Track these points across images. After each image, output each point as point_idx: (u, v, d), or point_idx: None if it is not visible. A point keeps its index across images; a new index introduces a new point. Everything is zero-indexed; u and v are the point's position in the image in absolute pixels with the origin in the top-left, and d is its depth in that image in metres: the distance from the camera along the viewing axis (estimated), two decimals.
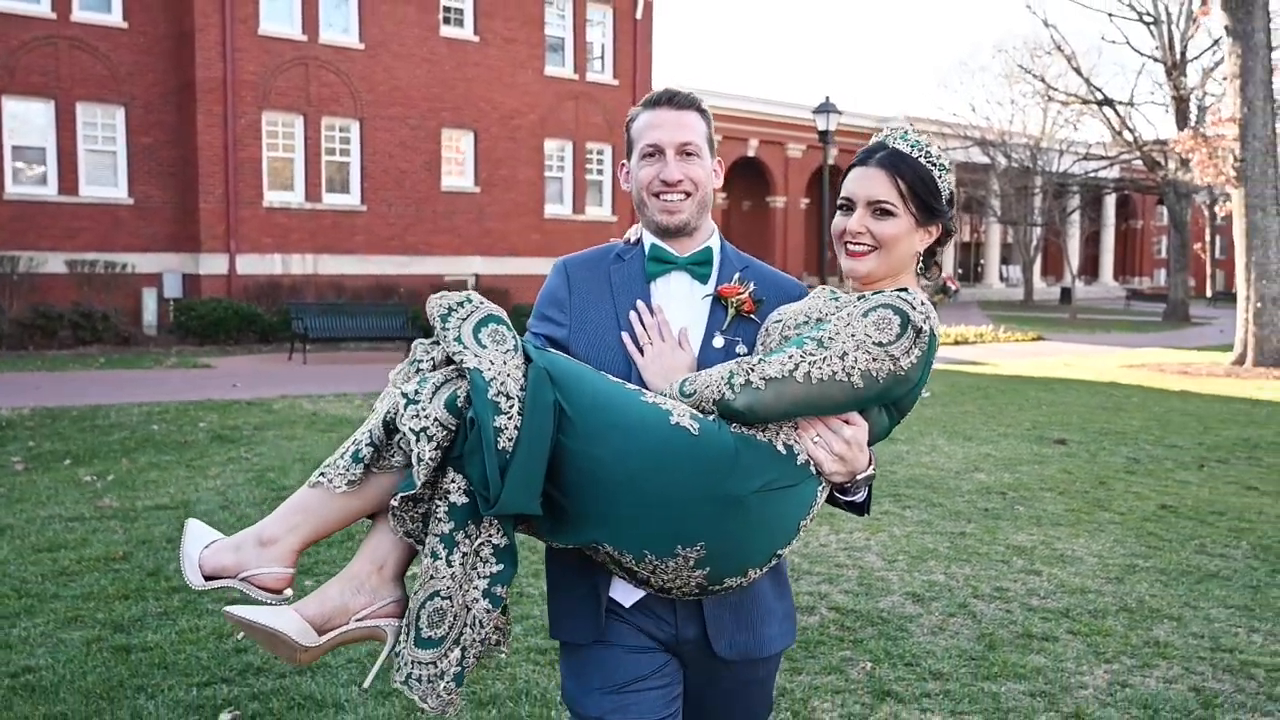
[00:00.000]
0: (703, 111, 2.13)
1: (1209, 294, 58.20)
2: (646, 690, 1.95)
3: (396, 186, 22.54)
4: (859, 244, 1.92)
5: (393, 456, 1.79)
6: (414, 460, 1.71)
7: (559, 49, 25.37)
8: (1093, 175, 44.41)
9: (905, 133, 1.96)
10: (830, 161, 22.26)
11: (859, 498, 1.94)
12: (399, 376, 1.84)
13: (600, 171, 26.40)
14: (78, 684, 3.82)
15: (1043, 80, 39.21)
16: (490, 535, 1.78)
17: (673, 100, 2.10)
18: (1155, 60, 35.89)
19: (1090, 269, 58.92)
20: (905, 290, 1.85)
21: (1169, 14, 34.56)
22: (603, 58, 26.29)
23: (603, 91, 25.95)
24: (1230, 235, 22.20)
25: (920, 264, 2.00)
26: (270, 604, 1.80)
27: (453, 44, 23.20)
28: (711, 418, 1.80)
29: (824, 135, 20.67)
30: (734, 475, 1.77)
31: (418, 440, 1.71)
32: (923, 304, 1.82)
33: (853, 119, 42.95)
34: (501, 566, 1.79)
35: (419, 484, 1.72)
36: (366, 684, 1.96)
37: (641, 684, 1.95)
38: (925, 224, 1.94)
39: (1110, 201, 54.28)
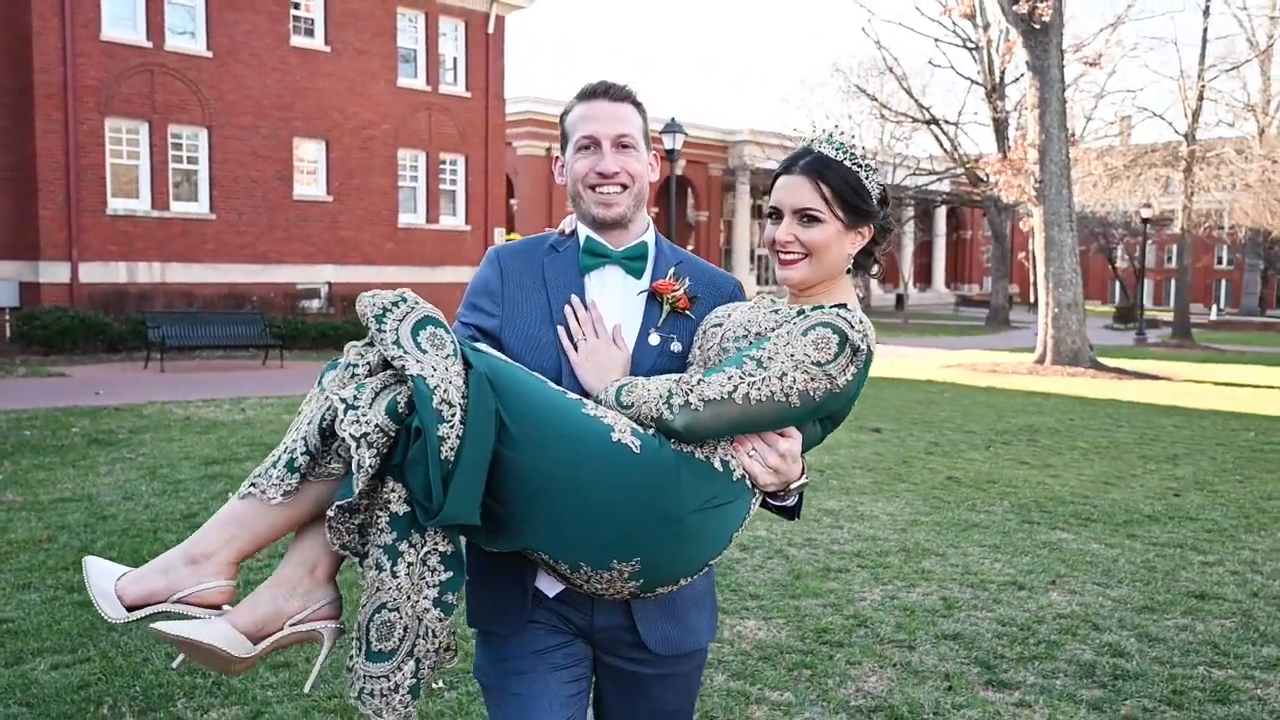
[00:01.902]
0: (638, 104, 2.11)
1: (1031, 300, 62.71)
2: (554, 670, 1.97)
3: (247, 195, 22.55)
4: (789, 253, 1.93)
5: (329, 464, 1.75)
6: (354, 468, 1.67)
7: (411, 60, 25.80)
8: (924, 189, 47.10)
9: (830, 135, 1.97)
10: (679, 173, 23.60)
11: (790, 503, 1.96)
12: (333, 382, 1.78)
13: (454, 181, 26.95)
14: (55, 628, 4.48)
15: (876, 100, 41.39)
16: (437, 544, 1.75)
17: (608, 92, 2.08)
18: (977, 84, 38.57)
19: (924, 277, 62.47)
20: (844, 307, 1.87)
21: (989, 40, 37.04)
22: (455, 70, 26.84)
23: (455, 103, 26.53)
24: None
25: (853, 264, 2.01)
26: (201, 618, 1.76)
27: (304, 53, 23.37)
28: (651, 432, 1.80)
29: (671, 154, 21.88)
30: (674, 494, 1.77)
31: (358, 447, 1.66)
32: (861, 322, 1.84)
33: (701, 132, 44.73)
34: (451, 574, 1.76)
35: (358, 492, 1.69)
36: (307, 688, 1.90)
37: (549, 660, 1.97)
38: (855, 226, 1.94)
39: (941, 213, 57.75)
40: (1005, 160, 23.77)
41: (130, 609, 1.74)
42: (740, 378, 1.78)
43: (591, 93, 2.08)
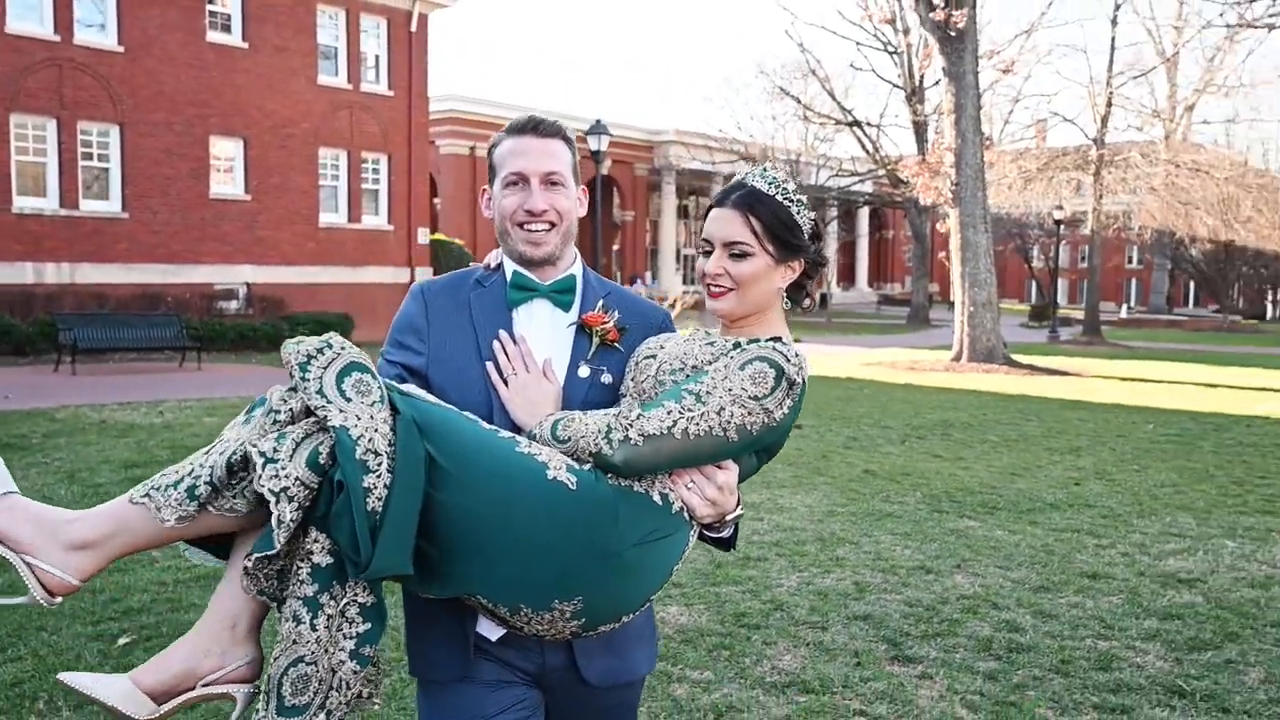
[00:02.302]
0: (568, 140, 2.11)
1: (951, 298, 64.18)
2: None
3: (161, 194, 22.09)
4: (718, 285, 1.95)
5: (232, 500, 1.70)
6: (274, 522, 1.62)
7: (332, 58, 25.51)
8: (848, 190, 47.89)
9: (764, 170, 1.99)
10: (604, 173, 23.77)
11: (726, 534, 1.97)
12: (253, 431, 1.71)
13: (376, 180, 26.71)
14: None
15: (799, 101, 41.94)
16: (356, 595, 1.71)
17: (538, 128, 2.06)
18: (898, 87, 39.35)
19: (847, 276, 63.56)
20: (779, 340, 1.89)
21: (909, 45, 37.81)
22: (377, 68, 26.61)
23: (378, 101, 26.29)
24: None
25: (787, 299, 2.03)
26: (41, 602, 1.70)
27: (220, 50, 22.97)
28: (587, 468, 1.79)
29: (596, 155, 22.02)
30: (613, 530, 1.76)
31: (278, 502, 1.62)
32: (796, 356, 1.86)
33: (626, 132, 44.94)
34: (369, 625, 1.72)
35: (279, 546, 1.64)
36: None
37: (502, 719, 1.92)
38: (785, 261, 1.96)
39: (864, 214, 58.81)
40: (923, 163, 24.39)
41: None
42: (679, 412, 1.78)
43: (520, 128, 2.07)
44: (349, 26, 25.65)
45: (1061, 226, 37.75)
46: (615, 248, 48.44)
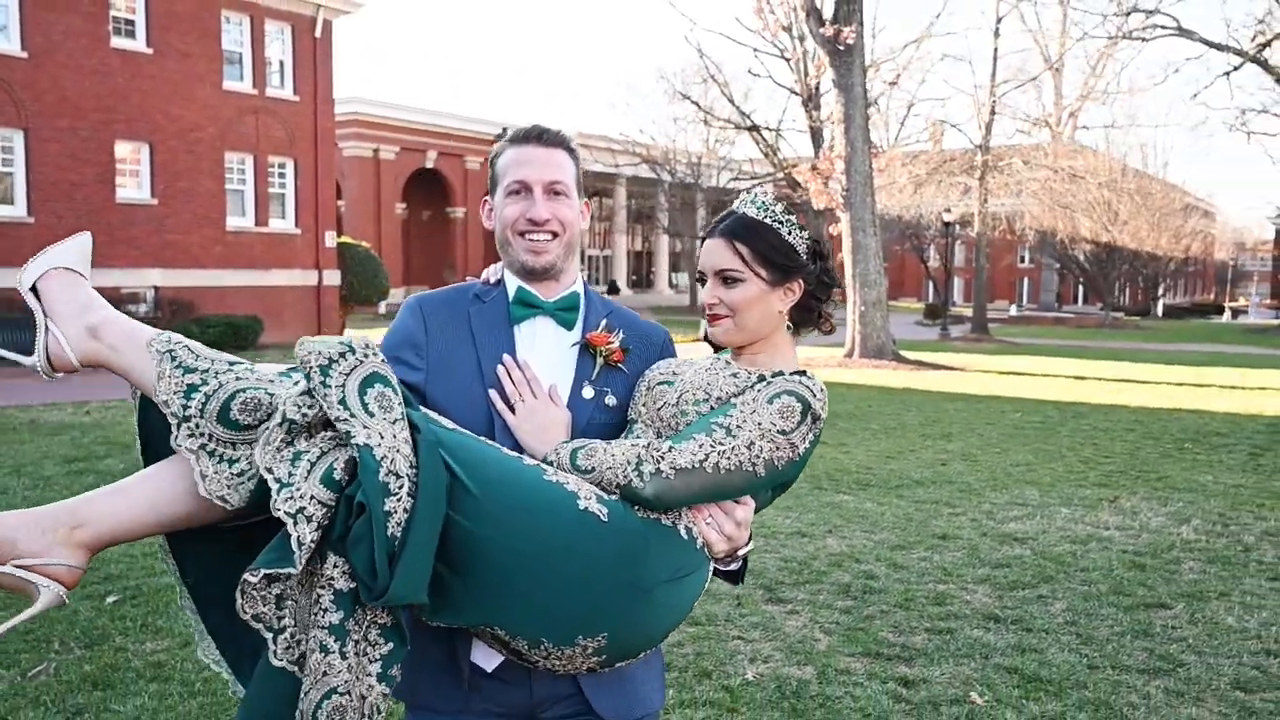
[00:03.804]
0: (572, 150, 2.07)
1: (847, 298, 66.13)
2: None
3: (67, 199, 22.02)
4: (715, 313, 1.95)
5: (207, 437, 1.68)
6: (294, 544, 1.56)
7: (237, 63, 25.64)
8: (749, 191, 49.10)
9: (755, 197, 1.99)
10: None
11: (734, 567, 1.94)
12: (267, 449, 1.62)
13: (283, 184, 26.90)
14: None
15: (699, 106, 42.93)
16: (375, 616, 1.64)
17: (541, 137, 2.03)
18: (795, 93, 40.62)
19: None
20: (803, 374, 1.87)
21: (805, 52, 39.04)
22: (282, 73, 26.80)
23: (283, 106, 26.48)
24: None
25: (790, 323, 2.01)
26: (41, 374, 1.76)
27: (125, 55, 22.97)
28: (616, 499, 1.75)
29: None
30: (644, 565, 1.72)
31: (295, 524, 1.56)
32: (821, 391, 1.85)
33: None
34: (391, 646, 1.66)
35: (300, 566, 1.57)
36: None
37: None
38: (780, 284, 1.94)
39: None
40: (814, 170, 25.63)
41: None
42: (710, 446, 1.76)
43: (524, 137, 2.03)
44: (253, 32, 25.80)
45: (955, 226, 39.62)
46: None
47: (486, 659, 1.86)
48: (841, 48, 22.15)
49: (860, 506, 7.66)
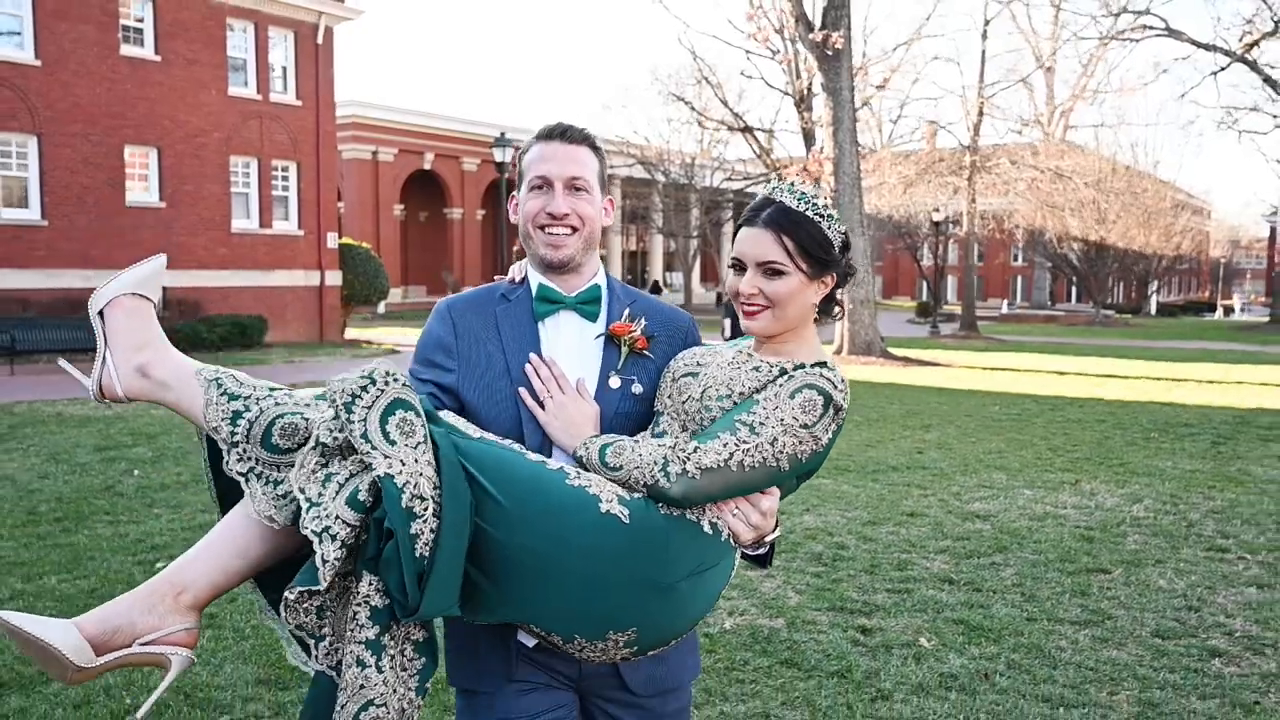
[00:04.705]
0: (596, 148, 2.12)
1: None
2: None
3: (79, 202, 22.64)
4: (752, 304, 1.94)
5: (252, 460, 1.81)
6: (319, 560, 1.66)
7: (241, 69, 26.26)
8: (744, 192, 49.54)
9: (792, 185, 1.96)
10: (508, 176, 25.27)
11: (762, 552, 1.99)
12: (301, 472, 1.74)
13: (286, 187, 27.52)
14: (47, 559, 5.74)
15: (692, 107, 43.35)
16: (410, 632, 1.75)
17: (565, 134, 2.08)
18: (787, 95, 41.11)
19: None
20: (825, 365, 1.90)
21: (796, 54, 39.46)
22: (285, 79, 27.41)
23: (286, 111, 27.11)
24: None
25: (818, 309, 2.01)
26: (91, 397, 1.79)
27: (134, 63, 23.58)
28: (638, 497, 1.80)
29: (500, 165, 23.31)
30: (665, 562, 1.78)
31: (321, 542, 1.66)
32: (842, 381, 1.88)
33: (527, 137, 45.83)
34: (425, 660, 1.77)
35: (325, 582, 1.67)
36: (141, 713, 1.83)
37: None
38: (818, 277, 1.95)
39: None
40: (804, 170, 26.21)
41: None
42: (735, 445, 1.80)
43: (549, 134, 2.10)
44: (257, 39, 26.42)
45: (947, 225, 40.23)
46: (515, 248, 49.42)
47: (529, 637, 1.95)
48: (830, 53, 22.74)
49: (838, 489, 8.29)
